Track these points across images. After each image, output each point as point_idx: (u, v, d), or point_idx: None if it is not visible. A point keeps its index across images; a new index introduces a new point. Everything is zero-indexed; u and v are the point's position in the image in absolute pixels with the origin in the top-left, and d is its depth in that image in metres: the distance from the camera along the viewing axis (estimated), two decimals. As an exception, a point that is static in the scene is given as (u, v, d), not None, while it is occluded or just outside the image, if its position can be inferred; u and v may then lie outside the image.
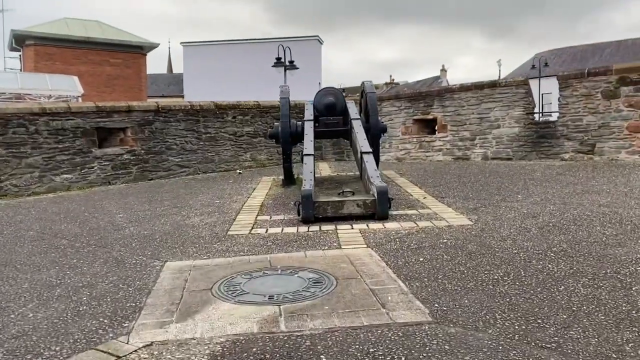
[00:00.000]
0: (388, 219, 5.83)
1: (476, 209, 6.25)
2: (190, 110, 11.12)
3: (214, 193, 8.33)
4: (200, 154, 11.27)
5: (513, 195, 7.06)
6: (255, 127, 12.45)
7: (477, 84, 11.73)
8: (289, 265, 4.27)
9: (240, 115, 12.13)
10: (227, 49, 47.44)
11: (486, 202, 6.68)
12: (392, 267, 4.14)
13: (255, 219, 6.16)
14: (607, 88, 9.99)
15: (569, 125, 10.44)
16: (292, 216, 6.21)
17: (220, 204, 7.25)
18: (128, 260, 4.66)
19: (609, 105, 9.99)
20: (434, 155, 12.14)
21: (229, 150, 11.86)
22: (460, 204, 6.58)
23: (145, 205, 7.38)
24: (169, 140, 10.77)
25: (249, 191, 8.41)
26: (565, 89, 10.45)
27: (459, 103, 11.78)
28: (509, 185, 7.82)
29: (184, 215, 6.58)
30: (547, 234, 4.97)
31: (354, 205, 5.87)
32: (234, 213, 6.59)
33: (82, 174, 9.52)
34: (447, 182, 8.41)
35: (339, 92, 8.35)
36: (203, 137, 11.34)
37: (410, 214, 6.09)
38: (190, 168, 11.07)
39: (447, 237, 5.00)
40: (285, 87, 8.92)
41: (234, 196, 7.93)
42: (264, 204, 7.14)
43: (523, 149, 11.01)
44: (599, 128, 10.12)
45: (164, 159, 10.66)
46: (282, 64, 23.68)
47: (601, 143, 10.10)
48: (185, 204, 7.36)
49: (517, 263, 4.14)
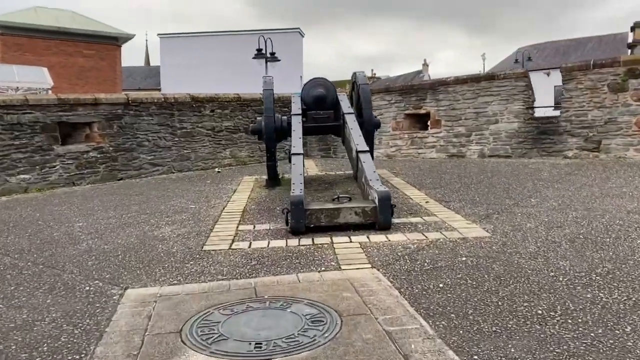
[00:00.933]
0: (391, 229, 5.04)
1: (489, 216, 5.49)
2: (163, 103, 10.19)
3: (190, 196, 7.45)
4: (175, 151, 10.35)
5: (525, 199, 6.32)
6: (236, 122, 11.56)
7: (474, 76, 11.00)
8: (279, 295, 3.44)
9: (219, 109, 11.22)
10: (206, 41, 46.18)
11: (497, 207, 5.93)
12: (408, 297, 3.34)
13: (236, 230, 5.31)
14: (614, 81, 9.32)
15: (572, 120, 9.76)
16: (280, 225, 5.38)
17: (196, 210, 6.38)
18: (80, 286, 3.79)
19: (616, 99, 9.33)
20: (427, 152, 11.39)
21: (206, 146, 10.95)
22: (469, 210, 5.82)
23: (110, 212, 6.47)
24: (141, 136, 9.83)
25: (228, 194, 7.55)
26: (569, 82, 9.77)
27: (454, 97, 11.04)
28: (517, 187, 7.08)
29: (153, 224, 5.70)
30: (581, 250, 4.22)
31: (352, 213, 5.06)
32: (211, 221, 5.73)
33: (42, 174, 8.54)
34: (448, 183, 7.65)
35: (329, 83, 7.53)
36: (178, 132, 10.42)
37: (414, 223, 5.30)
38: (164, 167, 10.15)
39: (465, 254, 4.21)
40: (269, 77, 8.07)
41: (212, 200, 7.06)
42: (246, 210, 6.29)
43: (523, 146, 10.31)
44: (605, 124, 9.46)
45: (134, 156, 9.72)
46: (263, 55, 22.75)
47: (607, 140, 9.44)
48: (155, 210, 6.47)
49: (560, 291, 3.37)
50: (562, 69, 9.82)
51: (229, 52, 43.12)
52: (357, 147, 6.00)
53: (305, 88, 7.39)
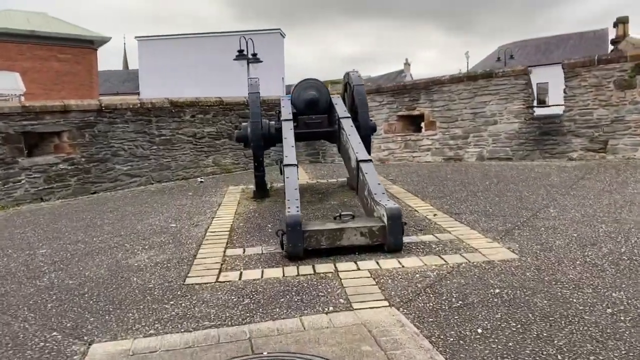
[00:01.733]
0: (402, 250, 4.39)
1: (509, 232, 4.87)
2: (140, 109, 9.43)
3: (170, 212, 6.72)
4: (153, 160, 9.60)
5: (543, 209, 5.72)
6: (218, 127, 10.84)
7: (470, 74, 10.42)
8: (282, 351, 2.77)
9: (200, 114, 10.48)
10: (185, 43, 45.23)
11: (515, 220, 5.32)
12: (443, 350, 2.69)
13: (223, 255, 4.61)
14: (620, 77, 8.81)
15: (576, 120, 9.22)
16: (273, 248, 4.70)
17: (177, 230, 5.67)
18: (33, 340, 3.07)
19: (623, 96, 8.81)
20: (422, 156, 10.78)
21: (187, 154, 10.21)
22: (485, 224, 5.19)
23: (80, 234, 5.73)
24: (116, 145, 9.06)
25: (213, 208, 6.85)
26: (572, 79, 9.23)
27: (449, 97, 10.44)
28: (529, 195, 6.48)
29: (128, 249, 4.98)
30: (632, 276, 3.61)
31: (357, 234, 4.40)
32: (194, 244, 5.03)
33: (5, 189, 7.74)
34: (452, 191, 7.03)
35: (322, 85, 6.86)
36: (157, 140, 9.67)
37: (427, 242, 4.66)
38: (142, 177, 9.39)
39: (497, 284, 3.57)
40: (254, 79, 7.38)
41: (195, 216, 6.35)
42: (233, 229, 5.59)
43: (524, 148, 9.75)
44: (611, 123, 8.94)
45: (109, 167, 8.95)
46: (244, 56, 22.02)
47: (615, 140, 8.91)
48: (131, 230, 5.74)
49: (629, 337, 2.75)
50: (565, 65, 9.29)
51: (210, 54, 42.25)
52: (357, 156, 5.34)
53: (295, 90, 6.72)
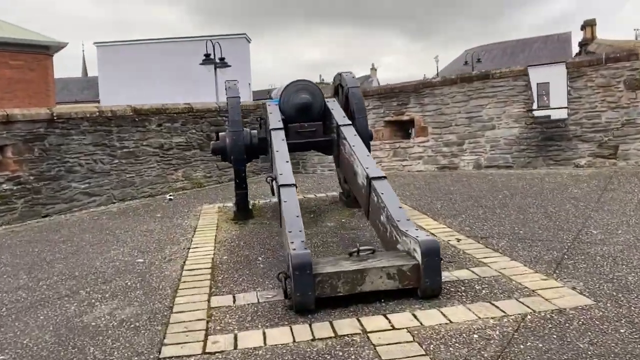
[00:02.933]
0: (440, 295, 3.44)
1: (560, 264, 3.97)
2: (99, 118, 8.26)
3: (136, 241, 5.62)
4: (115, 176, 8.43)
5: (582, 229, 4.86)
6: (188, 137, 9.73)
7: (464, 76, 9.60)
8: None
9: (168, 123, 9.36)
10: (148, 49, 43.55)
11: (557, 244, 4.44)
12: None
13: (208, 306, 3.56)
14: (631, 77, 8.11)
15: (583, 123, 8.49)
16: (272, 293, 3.69)
17: (146, 267, 4.58)
18: None
19: (635, 97, 8.12)
20: (413, 165, 9.90)
21: (154, 168, 9.07)
22: (525, 252, 4.29)
23: (23, 276, 4.58)
24: (71, 159, 7.87)
25: (187, 234, 5.78)
26: (577, 79, 8.50)
27: (442, 100, 9.60)
28: (556, 211, 5.64)
29: (83, 299, 3.88)
30: None
31: (383, 276, 3.42)
32: (169, 289, 3.96)
33: None
34: (465, 208, 6.14)
35: (315, 87, 5.88)
36: (118, 153, 8.50)
37: (466, 280, 3.72)
38: (102, 196, 8.21)
39: (590, 349, 2.64)
40: (233, 82, 6.37)
41: (167, 246, 5.27)
42: (216, 264, 4.54)
43: (526, 154, 8.97)
44: (622, 126, 8.23)
45: (63, 186, 7.75)
46: (211, 61, 20.86)
47: (626, 145, 8.21)
48: (88, 270, 4.63)
49: None
50: (569, 64, 8.55)
51: (173, 60, 40.77)
52: (368, 173, 4.36)
53: (284, 94, 5.70)
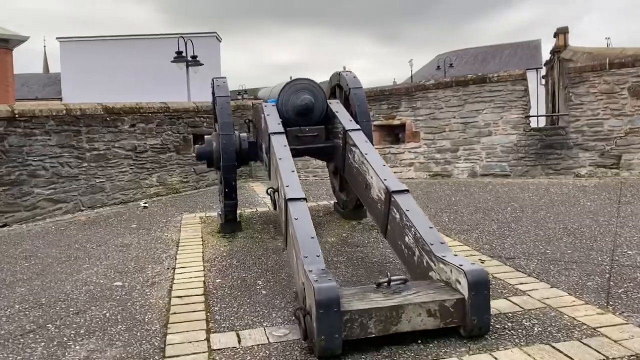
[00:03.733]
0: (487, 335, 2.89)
1: (611, 293, 3.48)
2: (66, 117, 7.47)
3: (111, 258, 4.91)
4: (83, 180, 7.64)
5: (617, 250, 4.40)
6: (164, 139, 8.99)
7: (460, 79, 9.14)
8: None
9: (142, 123, 8.61)
10: (114, 46, 42.17)
11: (595, 267, 3.96)
12: None
13: (208, 349, 2.92)
14: (636, 83, 7.78)
15: (585, 131, 8.13)
16: (283, 331, 3.07)
17: (126, 293, 3.90)
18: None
19: (639, 105, 7.78)
20: (404, 171, 9.40)
21: (126, 172, 8.31)
22: (564, 278, 3.79)
23: (-25, 303, 3.85)
24: (34, 162, 7.07)
25: (169, 249, 5.11)
26: (579, 85, 8.14)
27: (436, 104, 9.13)
28: (578, 227, 5.18)
29: (52, 335, 3.18)
30: None
31: (422, 313, 2.84)
32: (156, 322, 3.30)
33: None
34: (476, 222, 5.64)
35: (317, 87, 5.27)
36: (87, 155, 7.72)
37: (510, 315, 3.18)
38: (69, 203, 7.42)
39: None
40: (222, 79, 5.73)
41: (148, 266, 4.59)
42: (209, 290, 3.90)
43: (524, 163, 8.56)
44: (626, 135, 7.90)
45: (25, 192, 6.94)
46: (183, 58, 20.01)
47: (629, 154, 7.87)
48: (57, 296, 3.92)
49: None
50: (571, 69, 8.18)
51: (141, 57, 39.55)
52: (387, 185, 3.78)
53: (282, 94, 5.08)
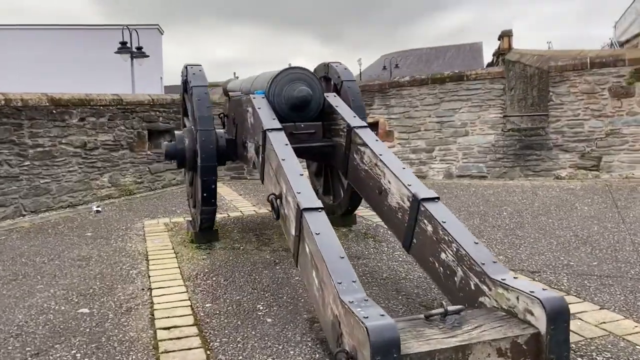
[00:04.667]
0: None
1: (668, 314, 3.08)
2: (4, 108, 6.50)
3: (69, 275, 4.12)
4: (25, 181, 6.70)
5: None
6: (116, 135, 8.12)
7: (436, 76, 8.74)
8: None
9: (93, 117, 7.70)
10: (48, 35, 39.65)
11: (637, 284, 3.57)
12: None
13: (224, 404, 2.28)
14: (617, 84, 7.62)
15: (565, 132, 7.91)
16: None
17: (96, 324, 3.16)
18: None
19: (620, 106, 7.64)
20: (376, 172, 8.89)
21: (75, 172, 7.40)
22: (607, 296, 3.38)
23: None
24: (-34, 160, 6.09)
25: (138, 263, 4.38)
26: (560, 85, 7.91)
27: (410, 102, 8.70)
28: (589, 234, 4.83)
29: (6, 391, 2.45)
30: None
31: (492, 354, 2.31)
32: (146, 367, 2.62)
33: None
34: (475, 227, 5.21)
35: (314, 77, 4.64)
36: (30, 152, 6.78)
37: (575, 347, 2.71)
38: (8, 207, 6.46)
39: None
40: (197, 67, 5.00)
41: (117, 285, 3.85)
42: (199, 317, 3.22)
43: (502, 164, 8.27)
44: (606, 136, 7.73)
45: (-45, 194, 5.97)
46: (128, 49, 18.80)
47: (609, 156, 7.71)
48: (7, 330, 3.13)
49: None
50: (552, 67, 7.94)
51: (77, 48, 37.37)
52: (414, 192, 3.24)
53: (275, 85, 4.42)
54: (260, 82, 4.76)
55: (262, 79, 4.79)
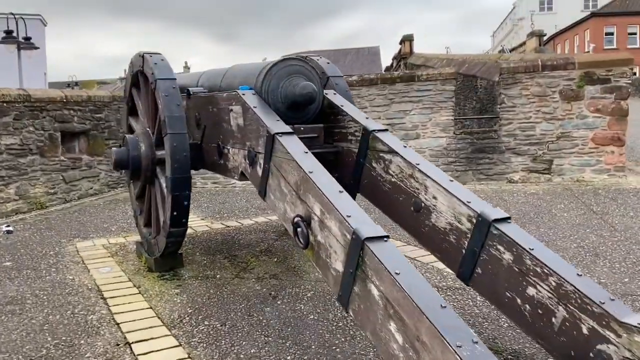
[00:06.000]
0: None
1: None
2: None
3: (6, 331, 3.09)
4: None
5: None
6: (24, 137, 6.80)
7: (386, 76, 8.28)
8: None
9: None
10: None
11: (689, 304, 3.26)
12: None
13: None
14: (567, 87, 7.60)
15: (517, 135, 7.78)
16: None
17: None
18: None
19: (570, 109, 7.62)
20: (322, 178, 8.27)
21: (-27, 183, 6.05)
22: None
23: None
24: None
25: (93, 304, 3.44)
26: (512, 87, 7.76)
27: (359, 103, 8.17)
28: (595, 245, 4.54)
29: None
30: None
31: None
32: None
33: None
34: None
35: (312, 70, 3.90)
36: None
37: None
38: None
39: None
40: (157, 56, 4.08)
41: (77, 342, 2.90)
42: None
43: (454, 168, 7.98)
44: (557, 139, 7.69)
45: None
46: (14, 39, 16.64)
47: (560, 159, 7.68)
48: None
49: None
50: (504, 69, 7.77)
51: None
52: (482, 212, 2.65)
53: (269, 78, 3.62)
54: (243, 75, 3.96)
55: (246, 71, 4.00)
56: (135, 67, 4.25)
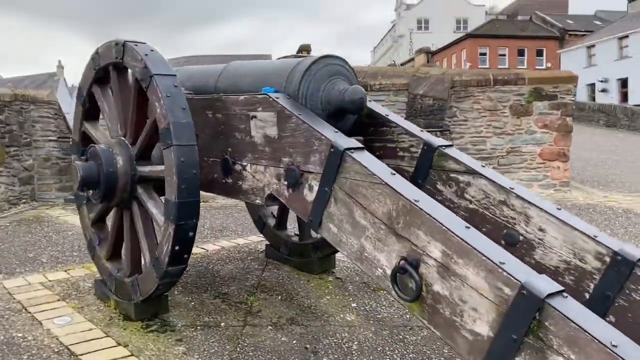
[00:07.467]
0: None
1: None
2: None
3: None
4: None
5: None
6: None
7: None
8: None
9: None
10: None
11: None
12: None
13: None
14: (517, 102, 7.61)
15: (468, 149, 7.64)
16: None
17: None
18: None
19: (519, 124, 7.64)
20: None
21: None
22: None
23: None
24: None
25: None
26: (465, 100, 7.62)
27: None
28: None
29: None
30: None
31: None
32: None
33: None
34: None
35: (352, 71, 3.20)
36: None
37: None
38: None
39: None
40: (144, 46, 3.19)
41: None
42: None
43: (406, 182, 7.66)
44: (507, 154, 7.66)
45: None
46: None
47: (510, 174, 7.65)
48: None
49: None
50: (457, 82, 7.60)
51: None
52: (621, 250, 2.19)
53: (307, 79, 2.88)
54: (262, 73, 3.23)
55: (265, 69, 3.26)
56: (105, 60, 3.32)
